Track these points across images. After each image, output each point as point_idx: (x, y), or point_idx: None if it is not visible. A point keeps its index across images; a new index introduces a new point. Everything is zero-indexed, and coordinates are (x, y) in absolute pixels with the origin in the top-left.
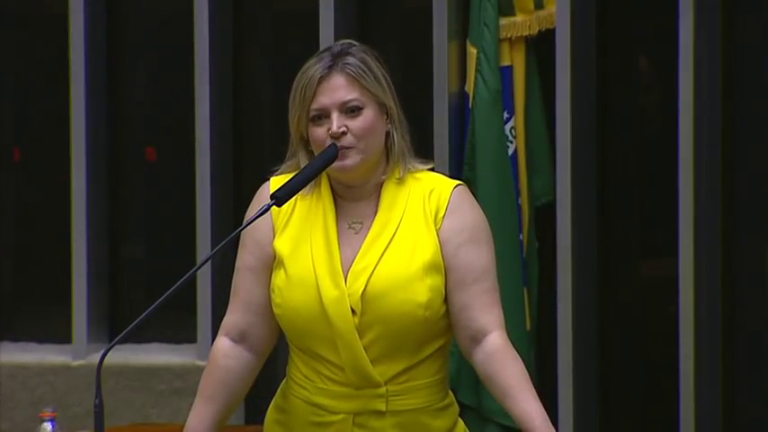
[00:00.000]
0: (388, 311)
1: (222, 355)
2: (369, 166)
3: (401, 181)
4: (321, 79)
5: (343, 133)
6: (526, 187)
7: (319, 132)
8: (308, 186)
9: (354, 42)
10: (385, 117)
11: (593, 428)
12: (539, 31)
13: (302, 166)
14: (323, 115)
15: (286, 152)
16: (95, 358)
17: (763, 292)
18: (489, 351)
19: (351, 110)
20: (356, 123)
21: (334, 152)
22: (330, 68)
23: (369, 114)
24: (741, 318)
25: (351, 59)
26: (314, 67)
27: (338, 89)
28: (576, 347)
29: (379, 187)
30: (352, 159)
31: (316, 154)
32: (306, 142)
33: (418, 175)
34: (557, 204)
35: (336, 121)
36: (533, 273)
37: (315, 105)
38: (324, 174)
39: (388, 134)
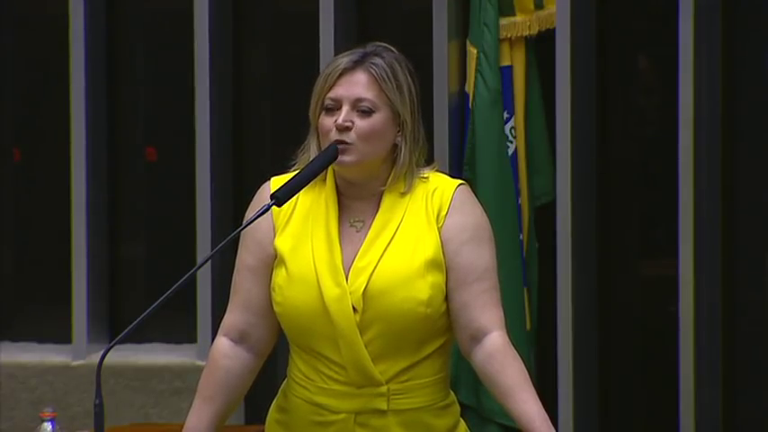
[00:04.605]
0: (389, 309)
1: (222, 356)
2: (368, 169)
3: (404, 194)
4: (344, 71)
5: (347, 128)
6: (526, 187)
7: (327, 122)
8: (311, 184)
9: (392, 49)
10: (397, 129)
11: (594, 428)
12: (539, 31)
13: (311, 159)
14: (335, 107)
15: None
16: (95, 358)
17: (763, 292)
18: (489, 351)
19: (362, 109)
20: (363, 123)
21: (333, 152)
22: (356, 63)
23: (379, 119)
24: (741, 318)
25: (379, 61)
26: (342, 59)
27: (357, 85)
28: (576, 347)
29: (381, 194)
30: (349, 157)
31: (321, 145)
32: (318, 134)
33: (422, 175)
34: (557, 204)
35: (344, 114)
36: (533, 273)
37: (330, 95)
38: (330, 172)
39: (396, 146)
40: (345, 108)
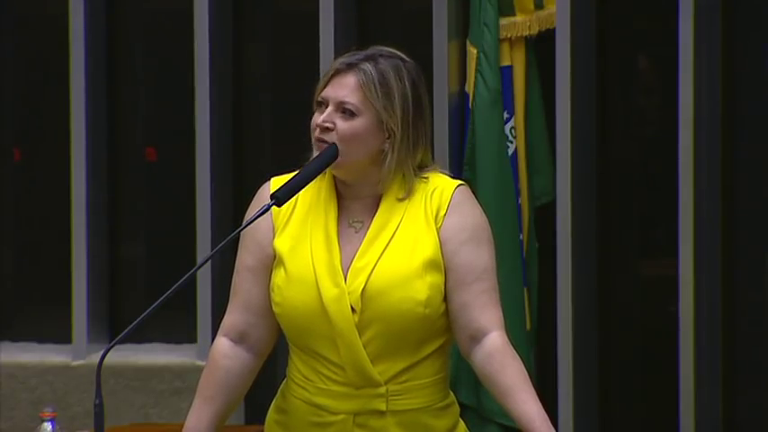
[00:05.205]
0: (387, 309)
1: (221, 356)
2: (354, 171)
3: (402, 200)
4: (337, 72)
5: (328, 128)
6: (526, 187)
7: (315, 119)
8: (311, 184)
9: (397, 54)
10: (386, 135)
11: (594, 428)
12: (539, 31)
13: (313, 155)
14: (324, 104)
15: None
16: (95, 358)
17: (764, 292)
18: (489, 351)
19: (345, 111)
20: (343, 125)
21: (334, 152)
22: (349, 66)
23: (360, 123)
24: (741, 318)
25: (369, 67)
26: (341, 59)
27: (344, 87)
28: (576, 347)
29: (380, 195)
30: None
31: (312, 141)
32: None
33: (421, 175)
34: (557, 204)
35: (326, 115)
36: (533, 273)
37: (322, 93)
38: (329, 172)
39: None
40: (329, 109)
